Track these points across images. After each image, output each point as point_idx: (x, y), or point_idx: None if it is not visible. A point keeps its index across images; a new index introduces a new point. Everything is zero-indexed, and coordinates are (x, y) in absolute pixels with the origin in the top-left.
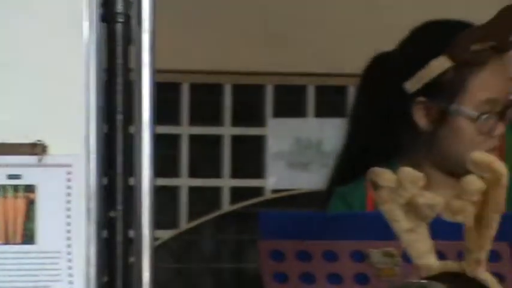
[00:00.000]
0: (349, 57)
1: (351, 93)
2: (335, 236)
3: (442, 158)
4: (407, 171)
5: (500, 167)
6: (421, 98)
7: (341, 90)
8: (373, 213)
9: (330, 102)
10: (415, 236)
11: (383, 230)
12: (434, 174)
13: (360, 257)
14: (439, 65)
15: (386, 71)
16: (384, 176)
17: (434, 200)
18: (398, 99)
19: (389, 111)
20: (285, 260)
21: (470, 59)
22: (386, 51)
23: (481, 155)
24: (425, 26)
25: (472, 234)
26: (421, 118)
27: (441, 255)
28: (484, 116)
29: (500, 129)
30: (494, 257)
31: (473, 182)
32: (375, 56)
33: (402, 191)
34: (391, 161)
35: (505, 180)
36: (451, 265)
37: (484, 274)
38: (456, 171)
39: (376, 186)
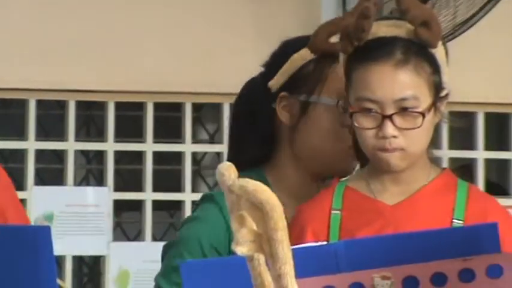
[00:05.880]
0: None
1: None
2: None
3: (304, 154)
4: None
5: None
6: (284, 93)
7: None
8: None
9: None
10: None
11: None
12: (295, 177)
13: None
14: (300, 57)
15: (255, 87)
16: None
17: None
18: (264, 101)
19: (255, 115)
20: None
21: (328, 50)
22: (254, 77)
23: None
24: (286, 43)
25: None
26: (283, 113)
27: None
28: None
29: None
30: None
31: None
32: (247, 82)
33: None
34: (257, 169)
35: None
36: None
37: None
38: (316, 170)
39: None
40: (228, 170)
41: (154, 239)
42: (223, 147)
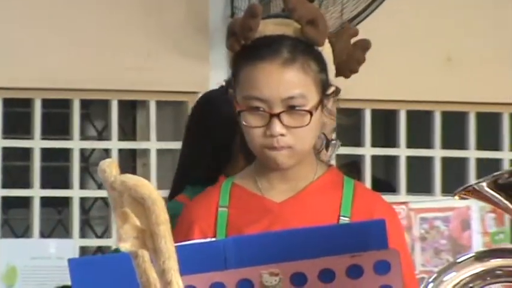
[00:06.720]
0: None
1: None
2: None
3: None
4: None
5: None
6: None
7: None
8: None
9: None
10: None
11: None
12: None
13: None
14: None
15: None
16: None
17: None
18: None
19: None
20: None
21: None
22: (212, 90)
23: None
24: None
25: None
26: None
27: None
28: None
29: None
30: None
31: None
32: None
33: None
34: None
35: None
36: None
37: None
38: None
39: None
40: (109, 167)
41: (42, 235)
42: (111, 144)
